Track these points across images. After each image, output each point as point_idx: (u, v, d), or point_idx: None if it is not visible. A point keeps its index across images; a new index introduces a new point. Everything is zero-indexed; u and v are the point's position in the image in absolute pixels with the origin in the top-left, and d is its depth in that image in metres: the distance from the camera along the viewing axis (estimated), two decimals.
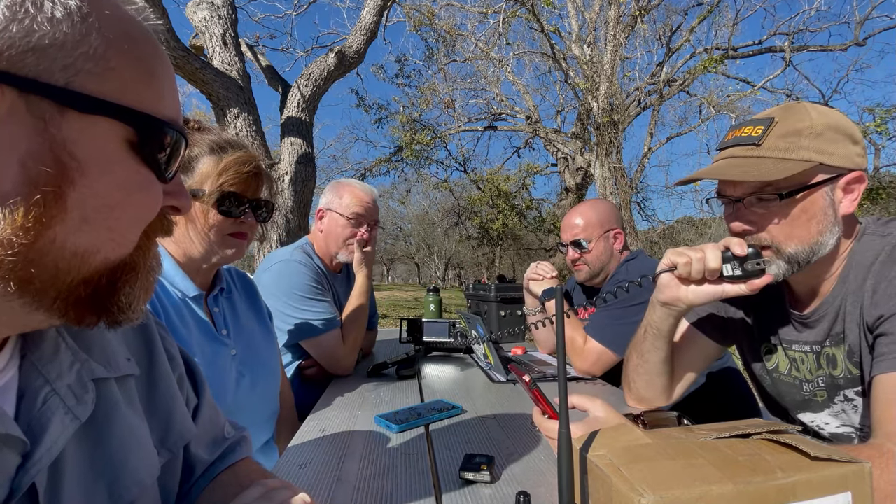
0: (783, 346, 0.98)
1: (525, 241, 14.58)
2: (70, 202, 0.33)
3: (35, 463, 0.37)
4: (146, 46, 0.38)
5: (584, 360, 1.53)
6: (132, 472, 0.46)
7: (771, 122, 0.84)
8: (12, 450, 0.36)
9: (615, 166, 7.56)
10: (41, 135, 0.32)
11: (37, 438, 0.38)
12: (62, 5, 0.32)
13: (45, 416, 0.39)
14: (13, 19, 0.30)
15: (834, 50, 8.81)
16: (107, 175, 0.35)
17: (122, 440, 0.47)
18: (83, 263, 0.35)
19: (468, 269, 25.73)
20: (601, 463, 0.54)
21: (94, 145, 0.34)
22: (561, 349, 0.56)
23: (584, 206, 1.80)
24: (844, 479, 0.49)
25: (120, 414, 0.47)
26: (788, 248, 0.85)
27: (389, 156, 11.05)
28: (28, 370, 0.40)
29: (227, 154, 0.98)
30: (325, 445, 0.94)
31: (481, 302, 2.40)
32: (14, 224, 0.31)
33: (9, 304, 0.34)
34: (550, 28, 7.87)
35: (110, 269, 0.37)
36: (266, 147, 4.60)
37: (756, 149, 0.85)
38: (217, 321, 1.06)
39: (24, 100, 0.31)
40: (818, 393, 0.94)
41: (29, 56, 0.31)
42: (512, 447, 0.92)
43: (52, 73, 0.32)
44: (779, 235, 0.85)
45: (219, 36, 4.33)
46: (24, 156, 0.31)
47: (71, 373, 0.42)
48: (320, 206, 1.72)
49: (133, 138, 0.36)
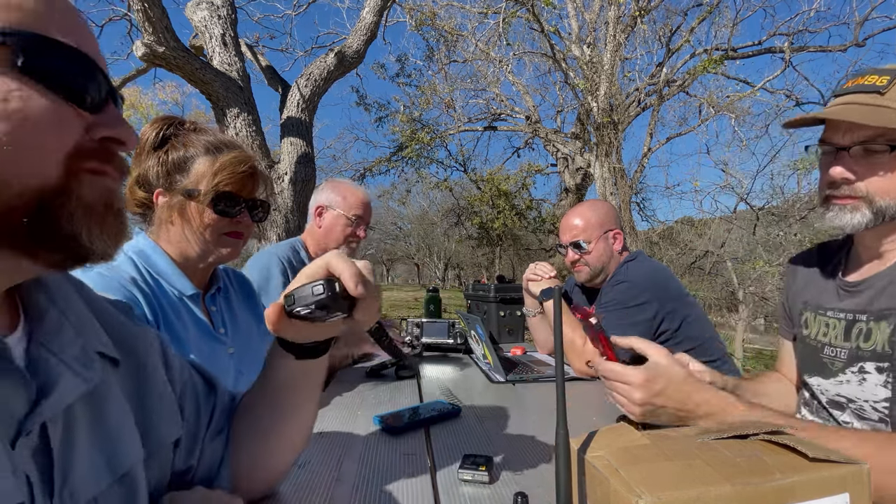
0: (819, 312, 1.01)
1: (525, 241, 14.57)
2: None
3: (41, 410, 0.40)
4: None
5: (583, 361, 1.53)
6: (125, 450, 0.50)
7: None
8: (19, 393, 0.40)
9: (615, 167, 7.56)
10: None
11: (45, 393, 0.41)
12: None
13: (53, 376, 0.43)
14: None
15: (833, 51, 8.81)
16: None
17: (118, 418, 0.50)
18: (21, 192, 0.37)
19: (468, 270, 25.73)
20: (599, 464, 0.54)
21: None
22: (559, 349, 0.56)
23: (583, 206, 1.80)
24: (843, 480, 0.49)
25: (115, 394, 0.51)
26: (881, 201, 0.85)
27: (389, 156, 11.03)
28: (35, 343, 0.44)
29: (223, 154, 0.99)
30: (324, 445, 0.94)
31: (481, 302, 2.40)
32: None
33: None
34: (550, 28, 7.87)
35: (37, 196, 0.38)
36: (266, 147, 4.59)
37: (879, 97, 0.84)
38: (215, 320, 1.06)
39: None
40: (836, 362, 0.95)
41: None
42: (510, 448, 0.92)
43: None
44: (878, 188, 0.85)
45: (218, 36, 4.33)
46: None
47: (76, 346, 0.46)
48: (319, 203, 1.75)
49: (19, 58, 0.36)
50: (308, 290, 0.53)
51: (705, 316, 1.66)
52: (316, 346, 0.62)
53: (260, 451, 0.66)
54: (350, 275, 0.53)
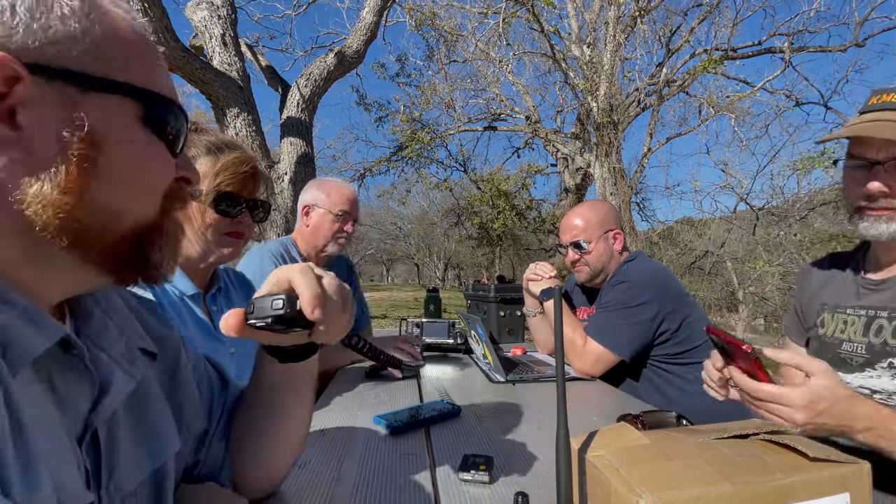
0: (838, 311, 1.05)
1: (525, 241, 14.57)
2: (100, 168, 0.40)
3: (104, 407, 0.44)
4: (139, 38, 0.44)
5: (584, 361, 1.53)
6: (163, 441, 0.53)
7: None
8: (84, 389, 0.43)
9: (615, 167, 7.56)
10: (69, 113, 0.38)
11: (104, 389, 0.44)
12: (67, 5, 0.39)
13: (108, 371, 0.45)
14: (33, 18, 0.37)
15: (833, 51, 8.80)
16: (126, 146, 0.42)
17: (157, 411, 0.53)
18: (117, 222, 0.42)
19: (468, 270, 25.72)
20: (599, 463, 0.54)
21: (112, 120, 0.41)
22: (559, 350, 0.56)
23: (583, 207, 1.80)
24: (843, 480, 0.49)
25: (154, 388, 0.54)
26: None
27: (389, 156, 11.03)
28: (85, 341, 0.45)
29: (224, 154, 0.99)
30: (324, 445, 0.94)
31: (481, 302, 2.40)
32: (59, 186, 0.38)
33: (66, 262, 0.41)
34: (550, 28, 7.86)
35: (140, 230, 0.44)
36: (266, 147, 4.59)
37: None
38: (215, 320, 1.06)
39: (53, 86, 0.38)
40: (854, 357, 0.99)
41: (49, 48, 0.37)
42: (511, 448, 0.92)
43: (69, 61, 0.38)
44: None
45: (218, 36, 4.32)
46: (60, 132, 0.38)
47: (120, 343, 0.49)
48: (305, 202, 1.76)
49: (143, 114, 0.43)
50: (268, 303, 0.51)
51: (705, 316, 1.66)
52: (299, 350, 0.60)
53: (258, 452, 0.67)
54: (309, 297, 0.51)
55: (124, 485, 0.46)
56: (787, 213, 10.33)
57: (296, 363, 0.61)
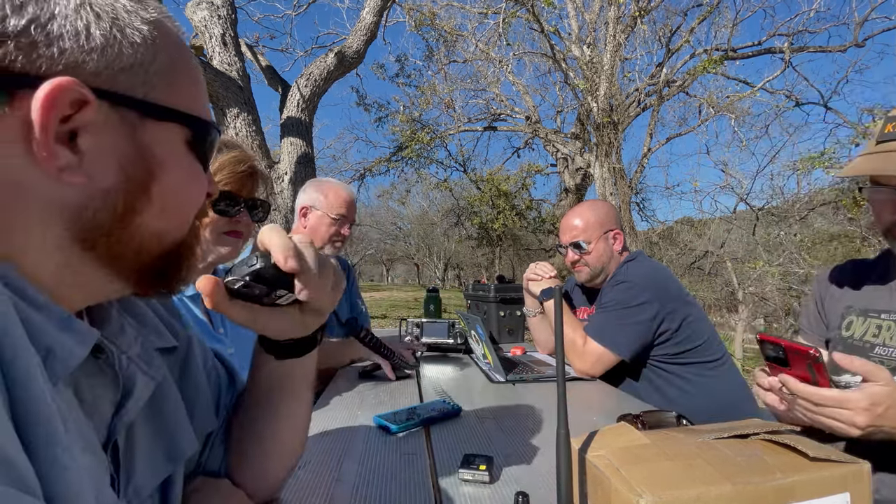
0: (870, 315, 1.06)
1: (524, 241, 14.57)
2: (153, 194, 0.40)
3: (126, 412, 0.43)
4: (193, 60, 0.45)
5: (584, 361, 1.53)
6: (181, 442, 0.52)
7: None
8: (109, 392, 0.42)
9: (615, 167, 7.55)
10: (130, 140, 0.38)
11: (128, 393, 0.44)
12: (139, 31, 0.39)
13: (130, 375, 0.45)
14: (106, 45, 0.37)
15: (833, 51, 8.80)
16: (176, 170, 0.42)
17: (175, 409, 0.52)
18: (159, 243, 0.42)
19: (468, 270, 25.71)
20: (600, 463, 0.54)
21: (168, 147, 0.41)
22: (560, 350, 0.56)
23: (583, 207, 1.80)
24: (843, 480, 0.49)
25: (171, 386, 0.53)
26: None
27: (389, 156, 11.02)
28: (104, 343, 0.44)
29: (223, 154, 0.99)
30: (325, 445, 0.94)
31: (481, 302, 2.40)
32: (115, 214, 0.38)
33: (96, 276, 0.40)
34: (550, 29, 7.86)
35: (174, 248, 0.44)
36: (266, 147, 4.59)
37: None
38: (214, 320, 1.06)
39: (117, 112, 0.38)
40: (888, 361, 0.99)
41: (120, 75, 0.37)
42: (511, 447, 0.92)
43: (135, 89, 0.38)
44: None
45: (218, 36, 4.32)
46: (121, 157, 0.38)
47: (137, 344, 0.48)
48: (303, 203, 1.76)
49: (190, 138, 0.43)
50: (243, 263, 0.48)
51: (705, 316, 1.66)
52: (295, 345, 0.58)
53: (256, 455, 0.64)
54: (279, 245, 0.48)
55: (142, 490, 0.45)
56: (787, 214, 10.33)
57: (293, 360, 0.59)
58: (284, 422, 0.64)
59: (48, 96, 0.33)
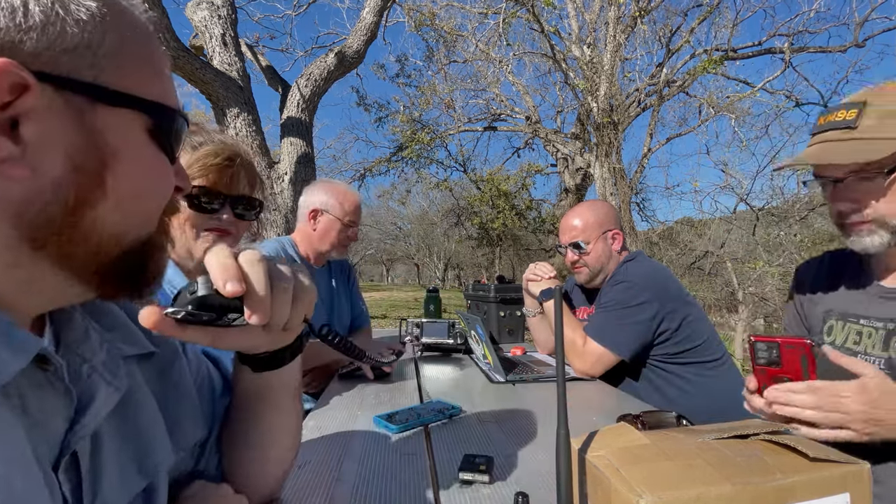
0: (850, 320, 1.02)
1: (524, 241, 14.56)
2: (108, 186, 0.37)
3: (83, 426, 0.40)
4: (152, 43, 0.41)
5: (584, 362, 1.53)
6: (156, 452, 0.49)
7: (864, 105, 0.88)
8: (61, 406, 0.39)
9: (615, 167, 7.55)
10: (79, 127, 0.35)
11: (84, 406, 0.40)
12: (85, 8, 0.35)
13: (91, 386, 0.42)
14: (47, 23, 0.33)
15: (833, 51, 8.80)
16: (135, 161, 0.39)
17: (149, 419, 0.49)
18: (118, 242, 0.39)
19: (468, 270, 25.72)
20: (600, 464, 0.54)
21: (123, 134, 0.38)
22: (560, 350, 0.56)
23: (582, 207, 1.80)
24: (843, 480, 0.49)
25: (145, 394, 0.50)
26: (893, 221, 0.88)
27: (389, 156, 11.02)
28: (65, 351, 0.42)
29: (199, 149, 0.95)
30: (324, 446, 0.94)
31: (481, 302, 2.40)
32: (66, 209, 0.35)
33: (53, 279, 0.37)
34: (550, 29, 7.86)
35: (140, 247, 0.41)
36: (266, 147, 4.59)
37: (851, 131, 0.88)
38: None
39: (61, 96, 0.34)
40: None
41: (63, 56, 0.34)
42: (511, 448, 0.92)
43: (81, 71, 0.35)
44: (884, 210, 0.89)
45: (219, 36, 4.32)
46: (68, 146, 0.35)
47: (102, 351, 0.45)
48: (315, 206, 1.74)
49: (151, 126, 0.40)
50: (187, 289, 0.44)
51: (705, 316, 1.66)
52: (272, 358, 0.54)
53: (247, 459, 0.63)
54: (217, 269, 0.43)
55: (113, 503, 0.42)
56: (787, 214, 10.33)
57: (271, 372, 0.56)
58: (269, 432, 0.62)
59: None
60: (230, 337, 0.48)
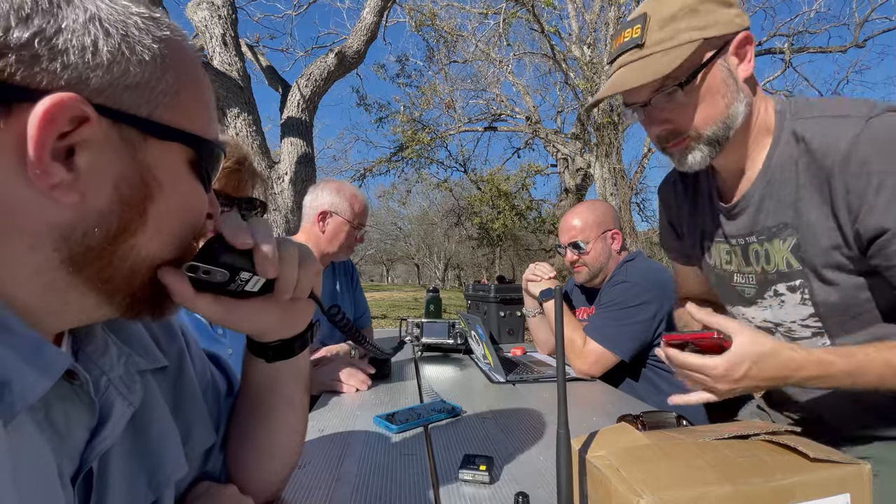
0: (716, 240, 0.99)
1: (525, 241, 14.58)
2: (149, 216, 0.39)
3: (101, 440, 0.41)
4: (203, 80, 0.43)
5: (584, 362, 1.53)
6: (168, 465, 0.49)
7: (645, 18, 0.83)
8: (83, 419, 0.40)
9: (615, 167, 7.56)
10: (130, 159, 0.37)
11: (104, 419, 0.41)
12: (148, 49, 0.38)
13: (109, 399, 0.43)
14: (113, 62, 0.35)
15: (833, 51, 8.81)
16: (176, 192, 0.40)
17: (161, 432, 0.50)
18: (150, 266, 0.41)
19: (468, 270, 25.74)
20: (600, 464, 0.54)
21: (168, 167, 0.40)
22: (560, 350, 0.56)
23: (582, 207, 1.80)
24: (843, 481, 0.49)
25: (158, 406, 0.51)
26: (706, 131, 0.84)
27: (389, 156, 11.03)
28: (85, 362, 0.43)
29: None
30: (324, 446, 0.94)
31: (481, 302, 2.40)
32: (107, 236, 0.37)
33: (85, 301, 0.39)
34: (550, 29, 7.86)
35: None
36: (266, 147, 4.59)
37: (640, 50, 0.84)
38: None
39: (117, 129, 0.36)
40: (747, 289, 0.96)
41: (124, 93, 0.36)
42: (511, 448, 0.92)
43: (139, 107, 0.37)
44: (694, 122, 0.84)
45: (219, 36, 4.33)
46: (117, 178, 0.36)
47: (120, 365, 0.46)
48: (324, 207, 1.71)
49: (193, 159, 0.42)
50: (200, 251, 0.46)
51: None
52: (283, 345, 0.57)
53: (251, 460, 0.63)
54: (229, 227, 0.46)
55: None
56: None
57: (282, 362, 0.58)
58: (278, 426, 0.63)
59: (47, 112, 0.32)
60: (241, 311, 0.50)
